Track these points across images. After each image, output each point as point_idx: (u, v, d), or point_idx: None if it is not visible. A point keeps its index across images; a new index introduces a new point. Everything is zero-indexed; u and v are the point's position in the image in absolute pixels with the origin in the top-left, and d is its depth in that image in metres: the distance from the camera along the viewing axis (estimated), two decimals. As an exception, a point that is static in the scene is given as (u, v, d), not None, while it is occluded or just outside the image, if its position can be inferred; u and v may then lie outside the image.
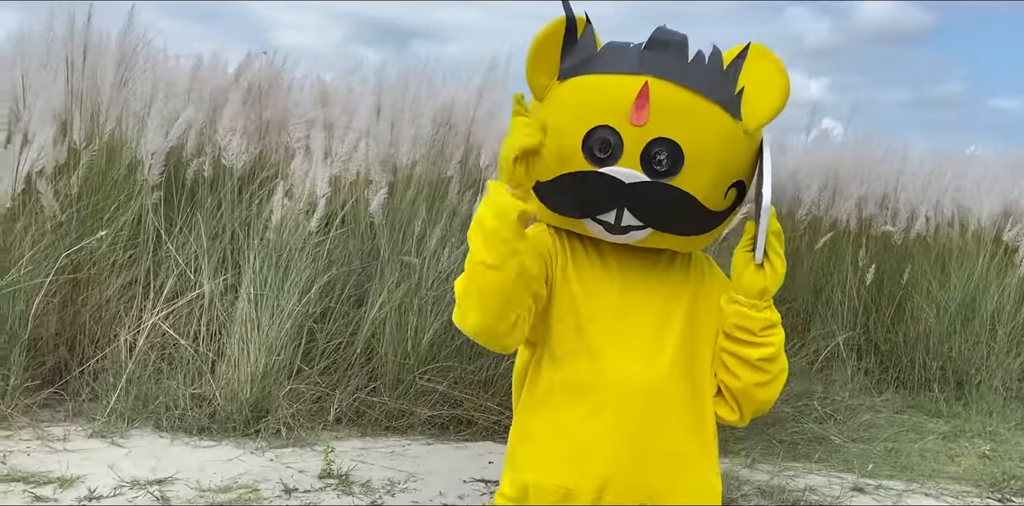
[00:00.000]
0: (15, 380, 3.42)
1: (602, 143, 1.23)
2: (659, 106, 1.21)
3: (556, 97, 1.30)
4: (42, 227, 3.69)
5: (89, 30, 3.88)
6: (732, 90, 1.26)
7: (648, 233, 1.27)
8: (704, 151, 1.23)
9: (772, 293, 1.27)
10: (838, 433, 4.17)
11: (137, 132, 4.04)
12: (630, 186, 1.22)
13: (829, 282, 5.51)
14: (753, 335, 1.27)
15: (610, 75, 1.25)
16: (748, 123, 1.26)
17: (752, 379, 1.29)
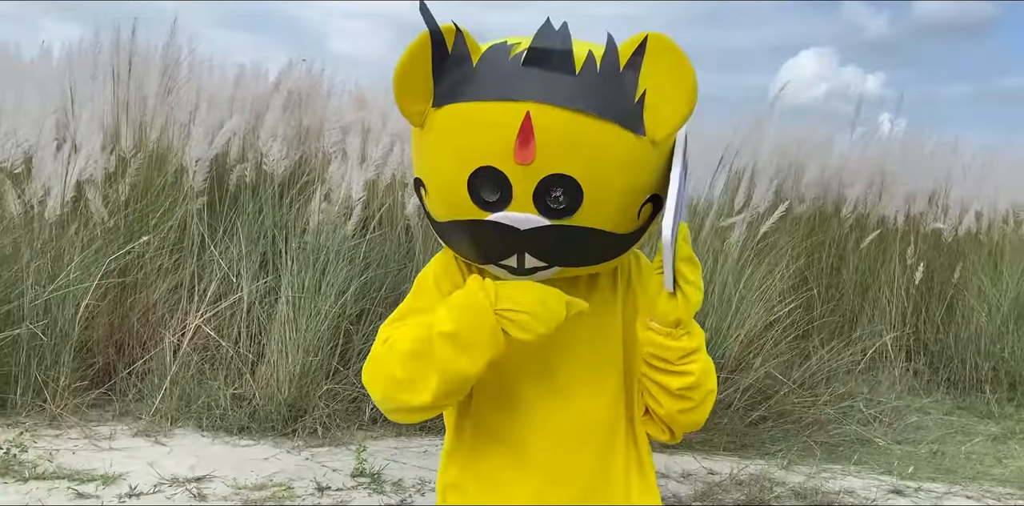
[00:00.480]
0: (65, 381, 3.55)
1: (488, 187, 1.06)
2: (546, 139, 1.03)
3: (434, 127, 1.11)
4: (91, 232, 3.83)
5: (134, 42, 4.00)
6: (631, 98, 1.06)
7: (556, 270, 1.13)
8: (605, 180, 1.07)
9: (688, 322, 1.13)
10: (883, 435, 4.10)
11: (182, 140, 4.16)
12: (527, 232, 1.07)
13: (876, 281, 5.41)
14: (671, 364, 1.14)
15: (487, 103, 1.06)
16: (654, 134, 1.07)
17: (675, 407, 1.16)
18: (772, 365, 4.12)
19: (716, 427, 3.85)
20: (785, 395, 4.12)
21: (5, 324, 3.51)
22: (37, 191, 3.73)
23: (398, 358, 1.09)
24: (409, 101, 1.11)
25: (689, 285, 1.11)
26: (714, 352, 3.90)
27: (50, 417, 3.47)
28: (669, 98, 1.07)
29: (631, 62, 1.07)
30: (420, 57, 1.09)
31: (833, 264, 5.45)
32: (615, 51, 1.08)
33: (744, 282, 4.13)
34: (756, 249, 4.42)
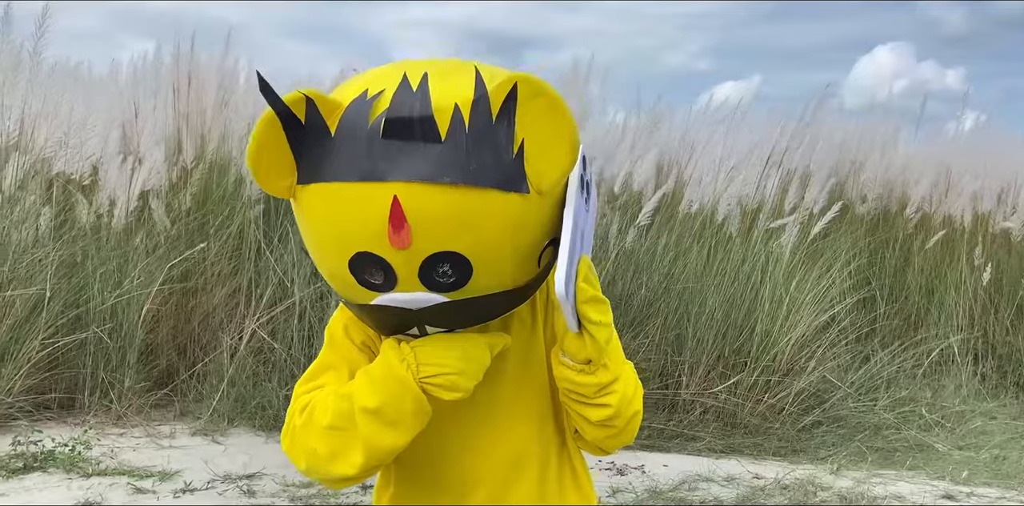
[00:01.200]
0: (129, 382, 3.71)
1: (370, 270, 1.00)
2: (420, 220, 0.95)
3: (304, 206, 1.03)
4: (155, 240, 3.99)
5: (193, 56, 4.17)
6: (508, 153, 0.97)
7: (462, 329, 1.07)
8: (494, 248, 1.00)
9: (599, 359, 1.07)
10: (943, 440, 4.00)
11: (240, 151, 4.31)
12: (421, 311, 1.01)
13: (943, 282, 5.27)
14: (587, 398, 1.09)
15: (351, 184, 0.97)
16: (540, 186, 1.00)
17: (600, 435, 1.13)
18: (827, 368, 4.06)
19: (767, 432, 3.81)
20: (841, 399, 4.05)
21: (74, 328, 3.69)
22: (104, 201, 3.92)
23: (318, 433, 1.03)
24: (271, 180, 1.02)
25: (594, 326, 1.04)
26: (764, 355, 3.86)
27: (115, 417, 3.63)
28: (548, 150, 0.99)
29: (503, 110, 0.97)
30: (272, 135, 0.99)
31: (897, 265, 5.34)
32: (486, 101, 0.97)
33: (796, 284, 4.08)
34: (809, 251, 4.36)
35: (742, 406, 3.82)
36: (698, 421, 3.80)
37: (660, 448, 3.61)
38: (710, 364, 3.88)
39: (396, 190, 0.94)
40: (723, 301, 3.96)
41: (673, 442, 3.67)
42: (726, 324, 3.94)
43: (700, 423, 3.79)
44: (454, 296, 1.01)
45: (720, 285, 4.00)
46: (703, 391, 3.82)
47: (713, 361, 3.89)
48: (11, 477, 3.00)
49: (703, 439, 3.69)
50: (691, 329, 3.91)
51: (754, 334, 3.93)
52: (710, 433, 3.73)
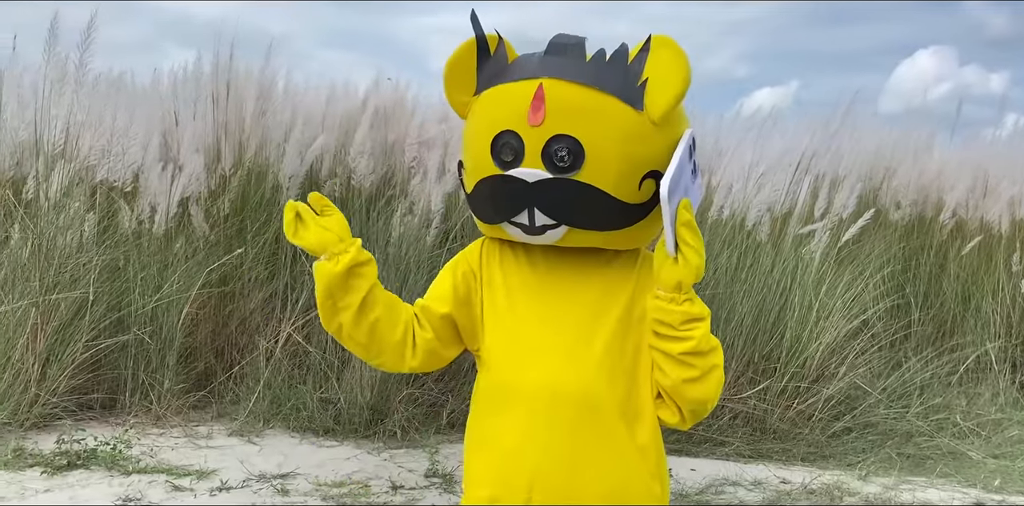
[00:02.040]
0: (168, 384, 3.81)
1: (506, 147, 1.26)
2: (555, 105, 1.24)
3: (473, 110, 1.35)
4: (194, 245, 4.10)
5: (232, 66, 4.28)
6: (634, 82, 1.26)
7: (564, 231, 1.28)
8: (604, 144, 1.24)
9: (689, 285, 1.25)
10: (978, 448, 3.96)
11: (277, 158, 4.41)
12: (534, 185, 1.25)
13: (979, 290, 5.21)
14: (673, 329, 1.25)
15: (511, 83, 1.29)
16: (652, 112, 1.25)
17: (679, 375, 1.26)
18: (858, 375, 4.04)
19: (796, 437, 3.81)
20: (872, 406, 4.03)
21: (116, 331, 3.80)
22: (145, 208, 4.03)
23: None
24: (456, 93, 1.36)
25: (689, 248, 1.23)
26: (794, 361, 3.86)
27: (155, 417, 3.73)
28: (665, 82, 1.25)
29: (637, 58, 1.27)
30: (467, 56, 1.34)
31: (932, 271, 5.29)
32: (625, 50, 1.28)
33: (826, 290, 4.07)
34: (840, 256, 4.35)
35: (771, 412, 3.83)
36: (727, 426, 3.81)
37: (689, 452, 3.63)
38: (740, 369, 3.89)
39: (544, 82, 1.25)
40: (753, 306, 3.97)
41: (702, 447, 3.68)
42: (756, 329, 3.94)
43: (729, 428, 3.80)
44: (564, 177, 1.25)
45: (750, 290, 4.01)
46: (733, 396, 3.83)
47: (743, 366, 3.90)
48: (55, 474, 3.11)
49: (732, 444, 3.70)
50: (721, 334, 3.92)
51: (784, 340, 3.93)
52: (739, 438, 3.74)
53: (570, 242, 1.31)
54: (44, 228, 3.82)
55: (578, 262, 1.35)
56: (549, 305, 1.34)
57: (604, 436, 1.29)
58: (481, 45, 1.33)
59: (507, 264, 1.39)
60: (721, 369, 1.28)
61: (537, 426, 1.30)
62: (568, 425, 1.29)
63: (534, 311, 1.34)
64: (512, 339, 1.34)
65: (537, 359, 1.31)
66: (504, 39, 1.35)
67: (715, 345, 1.28)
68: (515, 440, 1.31)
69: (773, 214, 4.27)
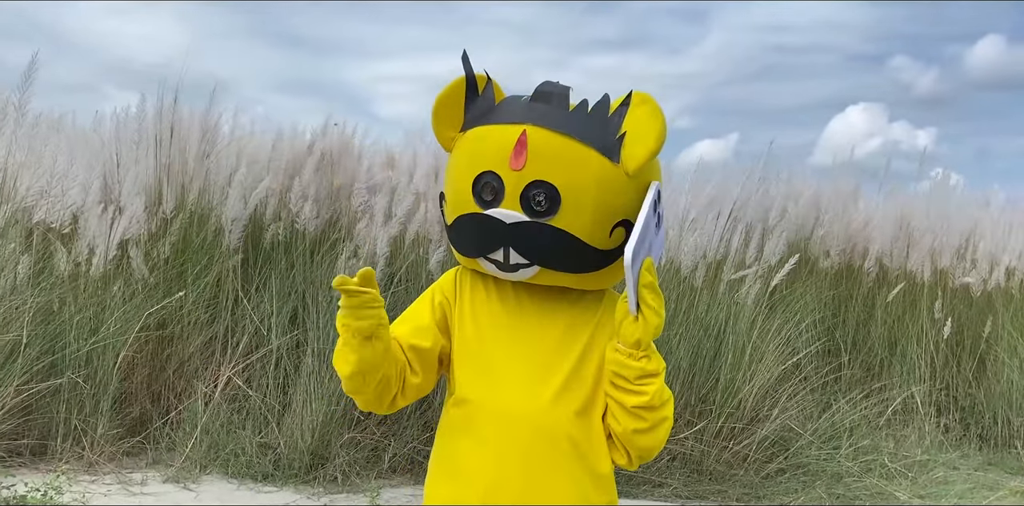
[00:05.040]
0: (102, 429, 3.73)
1: (487, 187, 1.34)
2: (536, 151, 1.32)
3: (458, 147, 1.43)
4: (132, 288, 4.05)
5: (176, 109, 4.29)
6: (613, 135, 1.33)
7: (536, 271, 1.36)
8: (581, 192, 1.32)
9: (647, 343, 1.31)
10: (905, 489, 4.08)
11: (220, 201, 4.41)
12: (511, 226, 1.33)
13: (905, 335, 5.40)
14: (629, 383, 1.31)
15: (497, 125, 1.37)
16: (627, 165, 1.33)
17: (630, 425, 1.33)
18: (789, 416, 4.15)
19: (731, 478, 3.88)
20: (804, 447, 4.13)
21: (49, 374, 3.72)
22: (83, 250, 3.98)
23: None
24: (443, 127, 1.44)
25: (649, 309, 1.30)
26: (729, 403, 3.96)
27: (87, 464, 3.64)
28: (642, 137, 1.33)
29: (618, 111, 1.36)
30: (456, 93, 1.42)
31: (859, 317, 5.47)
32: (607, 102, 1.37)
33: (759, 334, 4.20)
34: (771, 302, 4.49)
35: (708, 453, 3.90)
36: (666, 467, 3.87)
37: (628, 494, 3.67)
38: (677, 411, 3.94)
39: (527, 128, 1.33)
40: (689, 350, 4.07)
41: (641, 488, 3.73)
42: (692, 372, 4.04)
43: (667, 469, 3.86)
44: (539, 221, 1.32)
45: (686, 334, 4.11)
46: (671, 437, 3.89)
47: (680, 408, 3.98)
48: (-19, 522, 3.01)
49: (670, 485, 3.76)
50: (658, 378, 4.00)
51: (719, 382, 4.03)
52: (677, 479, 3.80)
53: (541, 280, 1.38)
54: (-23, 269, 3.75)
55: (545, 299, 1.43)
56: (514, 339, 1.41)
57: (558, 465, 1.35)
58: (470, 84, 1.41)
59: (477, 295, 1.45)
60: (671, 420, 1.36)
61: (494, 452, 1.36)
62: (522, 452, 1.35)
63: (500, 343, 1.41)
64: (477, 368, 1.41)
65: (499, 389, 1.38)
66: (492, 80, 1.44)
67: (667, 399, 1.35)
68: (472, 464, 1.37)
69: (707, 260, 4.40)
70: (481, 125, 1.39)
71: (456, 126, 1.43)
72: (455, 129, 1.43)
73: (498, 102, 1.42)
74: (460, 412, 1.42)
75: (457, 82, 1.41)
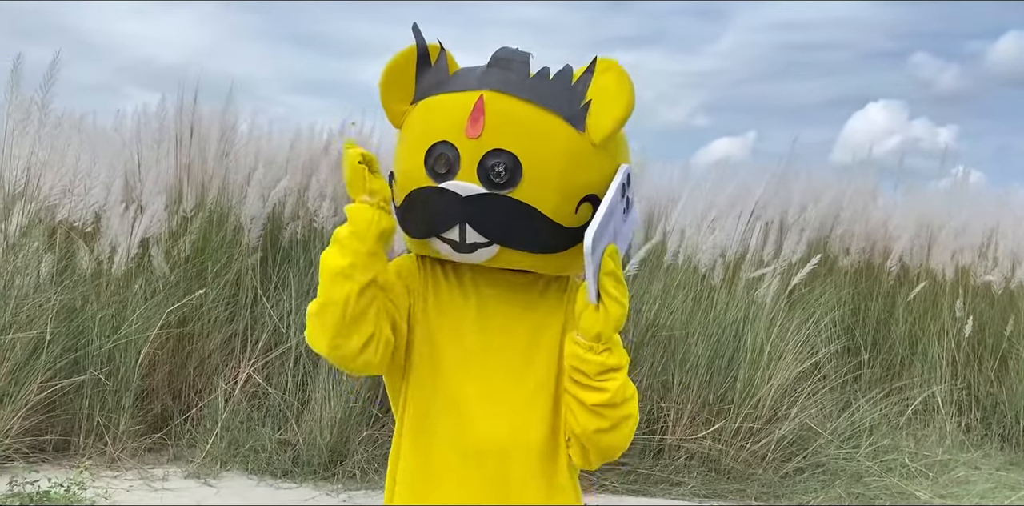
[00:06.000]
0: (124, 425, 3.77)
1: (441, 158, 1.20)
2: (495, 118, 1.19)
3: (409, 120, 1.29)
4: (153, 286, 4.09)
5: (196, 109, 4.33)
6: (578, 104, 1.22)
7: (496, 251, 1.21)
8: (544, 162, 1.20)
9: (608, 336, 1.20)
10: (925, 489, 4.06)
11: (239, 200, 4.44)
12: (467, 199, 1.18)
13: (926, 334, 5.36)
14: (589, 378, 1.20)
15: (451, 94, 1.24)
16: (593, 135, 1.21)
17: (591, 424, 1.21)
18: (808, 415, 4.14)
19: (750, 477, 3.87)
20: (823, 446, 4.12)
21: (72, 371, 3.77)
22: (105, 248, 4.03)
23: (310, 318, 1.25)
24: (392, 101, 1.29)
25: (611, 300, 1.18)
26: (747, 402, 3.94)
27: (109, 459, 3.69)
28: (609, 104, 1.22)
29: (582, 79, 1.24)
30: (405, 64, 1.28)
31: (880, 316, 5.44)
32: (569, 71, 1.25)
33: (777, 333, 4.18)
34: (791, 300, 4.47)
35: (726, 452, 3.89)
36: (683, 466, 3.86)
37: (645, 492, 3.67)
38: (695, 410, 3.96)
39: (485, 94, 1.21)
40: (707, 348, 4.06)
41: (658, 487, 3.73)
42: (710, 371, 4.03)
43: (685, 468, 3.85)
44: (499, 193, 1.19)
45: (704, 333, 4.11)
46: (688, 437, 3.89)
47: (698, 407, 3.97)
48: (6, 517, 3.06)
49: (688, 484, 3.75)
50: (676, 376, 4.00)
51: (737, 381, 4.01)
52: (694, 478, 3.79)
53: (500, 263, 1.24)
54: (1, 268, 3.80)
55: (510, 291, 1.29)
56: (479, 343, 1.27)
57: (527, 478, 1.25)
58: (421, 54, 1.28)
59: (439, 287, 1.30)
60: (635, 418, 1.25)
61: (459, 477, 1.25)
62: (491, 477, 1.25)
63: (462, 348, 1.27)
64: (439, 372, 1.27)
65: (463, 403, 1.26)
66: (446, 51, 1.30)
67: (630, 395, 1.23)
68: (440, 481, 1.26)
69: (726, 259, 4.39)
70: (434, 94, 1.26)
71: (407, 99, 1.28)
72: (405, 102, 1.29)
73: (452, 73, 1.28)
74: (420, 420, 1.27)
75: (407, 51, 1.28)
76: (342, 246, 1.20)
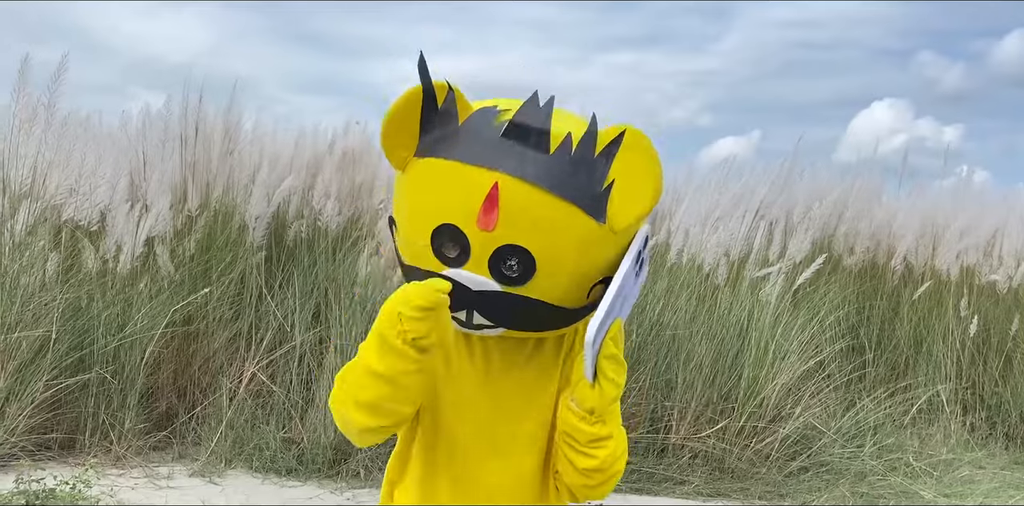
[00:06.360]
0: (130, 424, 3.78)
1: (449, 244, 1.15)
2: (509, 210, 1.10)
3: (412, 176, 1.20)
4: (158, 285, 4.11)
5: (201, 108, 4.34)
6: (599, 185, 1.13)
7: (501, 331, 1.20)
8: (558, 258, 1.14)
9: (600, 412, 1.19)
10: (930, 488, 4.05)
11: (244, 199, 4.45)
12: (478, 293, 1.14)
13: (931, 333, 5.36)
14: (580, 445, 1.20)
15: (462, 165, 1.13)
16: (614, 224, 1.14)
17: (578, 481, 1.24)
18: (813, 415, 4.13)
19: (753, 477, 3.88)
20: (827, 445, 4.12)
21: (77, 370, 3.78)
22: (110, 247, 4.04)
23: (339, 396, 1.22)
24: (394, 146, 1.19)
25: (608, 381, 1.16)
26: (751, 401, 3.95)
27: (115, 458, 3.70)
28: (634, 193, 1.13)
29: (605, 151, 1.13)
30: (411, 107, 1.17)
31: (884, 315, 5.43)
32: (593, 138, 1.14)
33: (782, 332, 4.18)
34: (795, 299, 4.47)
35: (730, 451, 3.89)
36: (687, 465, 3.86)
37: (649, 491, 3.67)
38: (699, 409, 3.96)
39: (499, 178, 1.11)
40: (712, 347, 4.06)
41: (662, 486, 3.73)
42: (714, 370, 4.03)
43: (689, 467, 3.85)
44: (511, 290, 1.14)
45: (709, 332, 4.11)
46: (692, 436, 3.89)
47: (702, 406, 3.97)
48: (12, 514, 3.07)
49: (692, 483, 3.76)
50: (680, 375, 4.01)
51: (741, 380, 4.02)
52: (698, 477, 3.80)
53: (507, 335, 1.23)
54: (7, 267, 3.82)
55: (511, 352, 1.27)
56: (482, 393, 1.26)
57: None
58: (428, 97, 1.17)
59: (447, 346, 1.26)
60: (620, 474, 1.25)
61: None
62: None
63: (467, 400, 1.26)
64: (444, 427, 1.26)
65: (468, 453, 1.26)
66: (455, 89, 1.18)
67: (619, 455, 1.23)
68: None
69: (730, 258, 4.39)
70: (442, 157, 1.15)
71: (410, 145, 1.18)
72: (409, 149, 1.18)
73: (463, 122, 1.17)
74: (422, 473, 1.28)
75: (411, 93, 1.17)
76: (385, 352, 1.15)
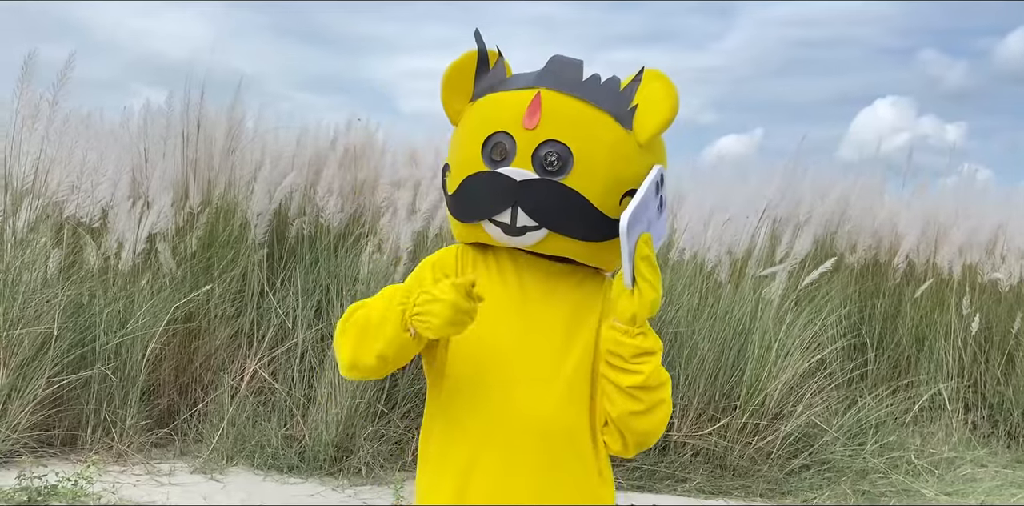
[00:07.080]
0: (131, 420, 3.78)
1: (498, 147, 1.31)
2: (550, 112, 1.30)
3: (466, 116, 1.39)
4: (160, 282, 4.10)
5: (203, 105, 4.34)
6: (626, 106, 1.32)
7: (544, 235, 1.30)
8: (593, 154, 1.29)
9: (643, 319, 1.26)
10: (931, 486, 4.05)
11: (246, 196, 4.45)
12: (521, 183, 1.28)
13: (933, 331, 5.35)
14: (624, 361, 1.26)
15: (510, 91, 1.35)
16: (640, 134, 1.31)
17: (626, 407, 1.27)
18: (815, 413, 4.13)
19: (755, 474, 3.87)
20: (829, 443, 4.11)
21: (79, 366, 3.78)
22: (112, 244, 4.04)
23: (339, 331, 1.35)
24: (452, 99, 1.41)
25: (646, 283, 1.25)
26: (753, 399, 3.94)
27: (116, 454, 3.70)
28: (655, 108, 1.31)
29: (629, 86, 1.35)
30: (468, 65, 1.40)
31: (887, 313, 5.43)
32: (616, 79, 1.36)
33: (785, 330, 4.18)
34: (797, 297, 4.47)
35: (731, 449, 3.89)
36: (689, 463, 3.86)
37: (651, 489, 3.67)
38: (701, 407, 3.96)
39: (540, 91, 1.32)
40: (714, 345, 4.06)
41: (664, 483, 3.73)
42: (717, 368, 4.03)
43: (691, 465, 3.85)
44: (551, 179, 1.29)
45: (711, 330, 4.10)
46: (694, 433, 3.89)
47: (704, 404, 3.97)
48: (14, 511, 3.07)
49: (693, 481, 3.76)
50: (683, 372, 4.00)
51: (744, 378, 4.01)
52: (700, 475, 3.79)
53: (546, 248, 1.33)
54: (9, 263, 3.81)
55: (550, 281, 1.36)
56: (520, 330, 1.33)
57: (568, 465, 1.30)
58: (481, 58, 1.39)
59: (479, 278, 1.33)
60: (668, 403, 1.30)
61: (501, 455, 1.30)
62: (532, 455, 1.29)
63: (504, 336, 1.33)
64: (479, 364, 1.32)
65: (505, 389, 1.31)
66: (504, 57, 1.42)
67: (664, 380, 1.29)
68: (479, 467, 1.30)
69: (732, 256, 4.38)
70: (493, 92, 1.38)
71: (465, 98, 1.40)
72: (463, 101, 1.40)
73: (509, 76, 1.41)
74: (460, 412, 1.33)
75: (469, 55, 1.39)
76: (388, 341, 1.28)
